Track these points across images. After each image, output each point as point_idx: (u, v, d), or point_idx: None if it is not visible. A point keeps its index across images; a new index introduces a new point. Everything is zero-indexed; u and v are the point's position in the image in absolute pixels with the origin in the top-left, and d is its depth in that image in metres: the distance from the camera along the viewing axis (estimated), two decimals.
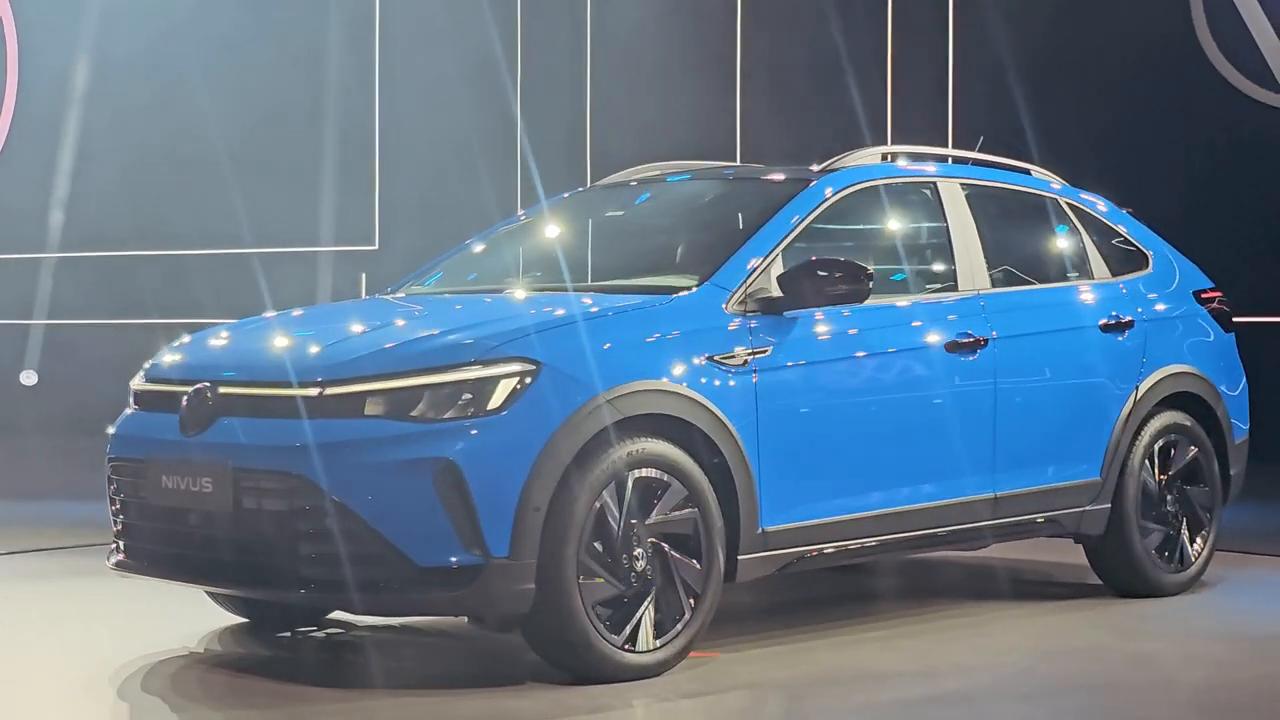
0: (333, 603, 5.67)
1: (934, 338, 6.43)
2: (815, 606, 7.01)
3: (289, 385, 5.44)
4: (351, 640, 6.32)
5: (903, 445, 6.27)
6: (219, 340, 6.13)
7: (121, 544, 5.89)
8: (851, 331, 6.16)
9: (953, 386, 6.44)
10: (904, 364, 6.32)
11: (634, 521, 5.48)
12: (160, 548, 5.72)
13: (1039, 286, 7.05)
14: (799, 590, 7.33)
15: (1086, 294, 7.18)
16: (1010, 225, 7.23)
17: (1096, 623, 6.63)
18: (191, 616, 6.49)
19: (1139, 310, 7.25)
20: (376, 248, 14.50)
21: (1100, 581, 7.28)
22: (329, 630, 6.44)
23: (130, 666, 5.75)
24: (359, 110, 14.56)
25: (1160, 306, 7.38)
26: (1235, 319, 7.80)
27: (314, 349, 5.62)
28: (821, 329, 6.06)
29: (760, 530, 5.83)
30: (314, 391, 5.36)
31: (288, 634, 6.39)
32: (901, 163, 7.03)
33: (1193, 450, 7.30)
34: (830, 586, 7.46)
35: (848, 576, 7.71)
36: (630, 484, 5.46)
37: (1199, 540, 7.28)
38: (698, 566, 5.62)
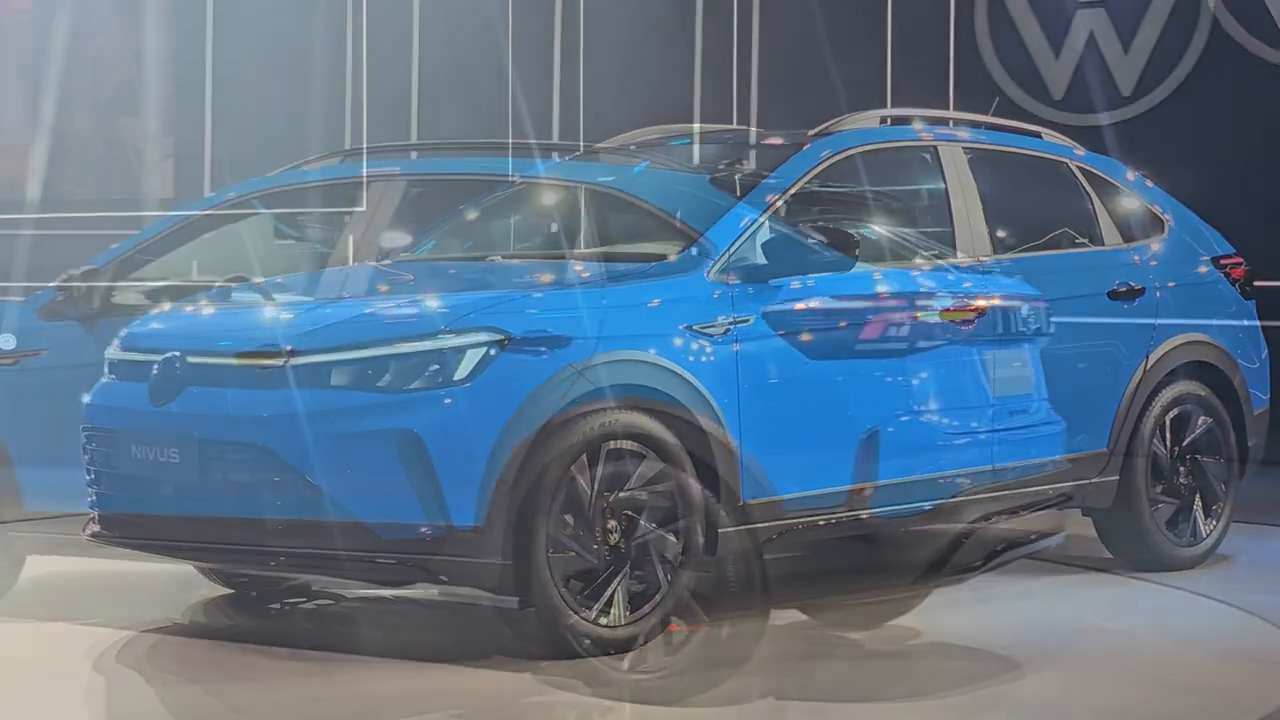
0: (300, 573, 5.63)
1: (927, 305, 6.25)
2: (815, 579, 6.89)
3: (255, 355, 5.39)
4: (340, 611, 6.29)
5: (892, 416, 6.10)
6: (194, 309, 6.07)
7: (97, 514, 5.85)
8: (838, 299, 5.99)
9: (947, 355, 6.27)
10: (894, 332, 6.15)
11: (607, 493, 5.38)
12: (133, 518, 5.68)
13: (1044, 253, 6.87)
14: (805, 562, 7.21)
15: (1095, 261, 7.00)
16: (1016, 190, 7.04)
17: (1096, 597, 6.53)
18: (176, 587, 6.47)
19: (1151, 277, 7.06)
20: (365, 209, 14.42)
21: (1112, 556, 7.12)
22: (318, 601, 6.40)
23: (109, 639, 5.72)
24: (344, 70, 14.47)
25: (1175, 273, 7.19)
26: (1258, 284, 7.58)
27: (283, 318, 5.57)
28: (807, 297, 5.90)
29: (741, 503, 5.70)
30: (279, 361, 5.31)
31: (277, 605, 6.35)
32: (915, 125, 6.89)
33: (1207, 421, 7.11)
34: (831, 559, 7.32)
35: (851, 548, 7.56)
36: (603, 456, 5.36)
37: (1214, 513, 7.10)
38: (674, 540, 5.51)
